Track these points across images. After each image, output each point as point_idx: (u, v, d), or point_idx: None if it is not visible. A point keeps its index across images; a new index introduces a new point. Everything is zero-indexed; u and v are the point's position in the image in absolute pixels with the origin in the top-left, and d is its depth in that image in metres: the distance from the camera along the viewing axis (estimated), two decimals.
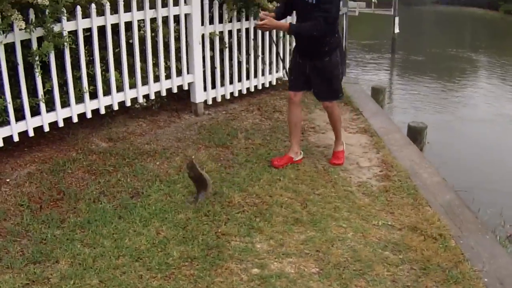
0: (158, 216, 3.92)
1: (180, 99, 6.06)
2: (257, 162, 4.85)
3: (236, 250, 3.57)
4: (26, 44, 4.44)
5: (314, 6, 4.39)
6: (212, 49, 5.91)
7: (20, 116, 4.58)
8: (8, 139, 4.57)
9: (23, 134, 4.67)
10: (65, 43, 4.59)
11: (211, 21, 5.83)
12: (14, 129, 4.53)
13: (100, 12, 4.91)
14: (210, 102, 6.07)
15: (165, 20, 5.44)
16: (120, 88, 5.21)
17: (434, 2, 40.16)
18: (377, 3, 18.81)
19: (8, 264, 3.36)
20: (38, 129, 4.75)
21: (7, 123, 4.49)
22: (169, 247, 3.56)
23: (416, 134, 6.29)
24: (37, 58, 4.37)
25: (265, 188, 4.39)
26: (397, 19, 19.11)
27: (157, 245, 3.58)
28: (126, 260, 3.42)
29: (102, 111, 5.13)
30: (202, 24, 5.73)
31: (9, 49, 4.38)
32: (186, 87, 5.75)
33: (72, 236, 3.67)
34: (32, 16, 4.32)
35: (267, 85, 6.83)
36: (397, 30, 19.06)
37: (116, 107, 5.24)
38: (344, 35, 8.08)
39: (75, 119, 4.94)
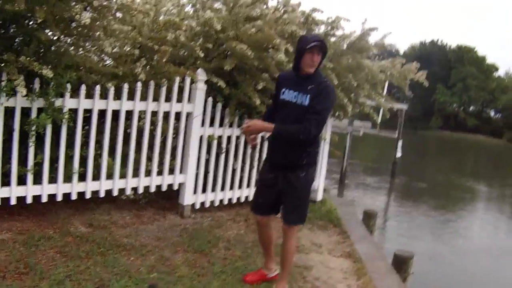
0: None
1: (168, 198, 6.04)
2: (232, 274, 4.70)
3: None
4: (26, 112, 4.52)
5: (306, 109, 4.04)
6: (208, 152, 5.95)
7: (6, 182, 4.57)
8: None
9: (6, 201, 4.63)
10: (64, 119, 4.66)
11: (211, 123, 5.89)
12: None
13: (103, 96, 5.01)
14: (197, 206, 6.03)
15: (166, 115, 5.52)
16: (110, 176, 5.22)
17: (439, 128, 41.23)
18: (382, 124, 19.34)
19: None
20: (22, 199, 4.71)
21: None
22: None
23: (401, 263, 6.14)
24: (33, 128, 4.42)
25: None
26: (400, 143, 19.46)
27: None
28: None
29: (88, 196, 5.11)
30: (202, 125, 5.80)
31: (8, 113, 4.45)
32: (176, 187, 5.74)
33: None
34: (37, 85, 4.42)
35: None
36: (399, 154, 19.35)
37: (102, 194, 5.21)
38: (345, 155, 8.16)
39: (60, 198, 4.91)
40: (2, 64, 4.28)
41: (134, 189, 5.49)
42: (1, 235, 4.49)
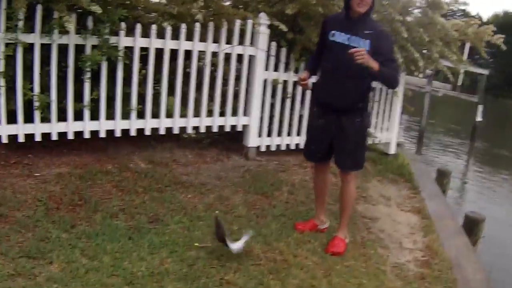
0: (168, 246, 3.67)
1: (232, 140, 5.88)
2: (293, 218, 4.50)
3: None
4: (80, 50, 4.47)
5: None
6: (273, 96, 5.75)
7: (63, 118, 4.56)
8: (48, 137, 4.56)
9: (65, 137, 4.64)
10: (119, 57, 4.58)
11: (276, 68, 5.67)
12: (54, 128, 4.51)
13: (161, 35, 4.89)
14: (263, 149, 5.85)
15: (228, 57, 5.34)
16: (170, 115, 5.12)
17: None
18: (462, 88, 18.60)
19: (3, 251, 3.26)
20: (80, 135, 4.70)
21: (48, 120, 4.46)
22: (166, 281, 3.28)
23: (472, 225, 5.73)
24: (88, 64, 4.34)
25: (291, 247, 4.02)
26: (480, 108, 18.62)
27: (154, 275, 3.32)
28: (117, 281, 3.19)
29: (147, 132, 5.02)
30: (266, 69, 5.59)
31: (62, 51, 4.41)
32: (239, 128, 5.57)
33: (75, 243, 3.50)
34: (90, 23, 4.34)
35: None
36: (479, 119, 18.55)
37: (162, 132, 5.12)
38: (424, 113, 7.70)
39: (118, 133, 4.86)
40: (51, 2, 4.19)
41: (196, 129, 5.36)
42: (59, 168, 4.50)
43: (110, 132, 4.85)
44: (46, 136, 4.56)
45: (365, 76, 3.88)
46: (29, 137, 4.50)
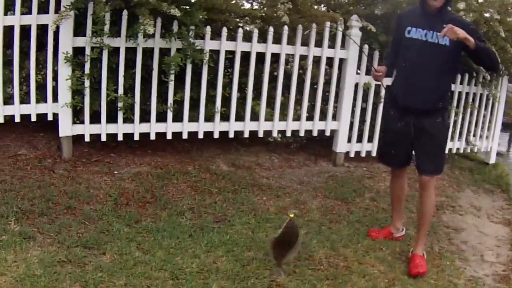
0: (226, 246, 3.65)
1: (323, 145, 5.74)
2: (369, 225, 4.29)
3: None
4: (166, 53, 4.61)
5: (447, 49, 3.53)
6: (364, 100, 5.54)
7: (146, 119, 4.74)
8: (132, 137, 4.77)
9: (148, 138, 4.81)
10: (204, 60, 4.65)
11: (368, 72, 5.45)
12: (136, 128, 4.69)
13: (247, 39, 4.91)
14: (352, 155, 5.64)
15: (317, 60, 5.22)
16: (255, 118, 5.12)
17: None
18: None
19: (61, 240, 3.44)
20: (162, 136, 4.85)
21: (132, 121, 4.65)
22: (213, 278, 3.26)
23: None
24: (172, 66, 4.45)
25: (359, 254, 3.82)
26: None
27: (203, 272, 3.31)
28: (163, 275, 3.22)
29: (231, 135, 5.05)
30: (358, 72, 5.40)
31: (148, 54, 4.60)
32: (328, 133, 5.41)
33: (133, 237, 3.61)
34: (175, 27, 4.46)
35: None
36: None
37: (246, 134, 5.12)
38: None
39: (201, 135, 4.94)
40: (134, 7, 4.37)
41: (282, 133, 5.31)
42: (139, 167, 4.68)
43: (194, 135, 4.95)
44: (130, 136, 4.76)
45: (445, 71, 3.67)
46: (113, 137, 4.73)
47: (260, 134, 5.18)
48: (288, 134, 5.28)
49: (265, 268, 3.44)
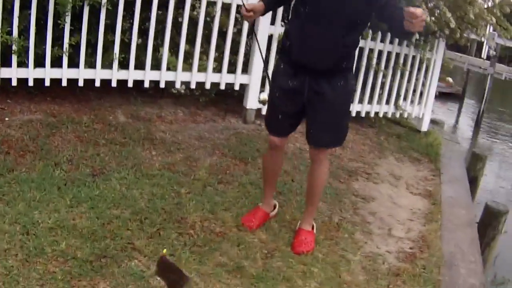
0: (92, 201, 3.49)
1: (235, 101, 5.55)
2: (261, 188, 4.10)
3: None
4: None
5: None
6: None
7: (41, 64, 4.52)
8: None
9: (41, 82, 4.62)
10: (103, 2, 4.41)
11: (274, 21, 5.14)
12: (30, 73, 4.50)
13: None
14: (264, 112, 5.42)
15: (228, 7, 4.94)
16: (156, 67, 4.89)
17: None
18: None
19: None
20: (57, 81, 4.65)
21: (26, 65, 4.46)
22: (64, 235, 3.12)
23: (492, 217, 4.91)
24: (68, 7, 4.23)
25: (240, 219, 3.64)
26: None
27: (57, 229, 3.17)
28: (14, 229, 3.07)
29: (130, 84, 4.85)
30: (273, 23, 5.10)
31: None
32: (237, 87, 5.21)
33: None
34: None
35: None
36: None
37: (146, 84, 4.91)
38: (485, 97, 6.85)
39: (97, 83, 4.75)
40: None
41: (187, 85, 5.11)
42: (32, 115, 4.50)
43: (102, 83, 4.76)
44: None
45: (356, 23, 3.11)
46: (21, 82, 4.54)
47: (162, 84, 4.96)
48: (193, 86, 5.07)
49: (127, 228, 3.30)
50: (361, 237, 3.84)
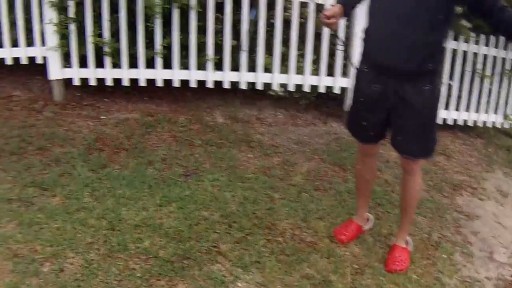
0: (181, 201, 3.44)
1: (338, 104, 5.27)
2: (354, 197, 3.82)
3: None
4: None
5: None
6: None
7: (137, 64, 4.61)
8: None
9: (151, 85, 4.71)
10: (191, 5, 4.43)
11: None
12: (125, 73, 4.60)
13: None
14: None
15: (320, 9, 4.64)
16: (252, 68, 4.79)
17: None
18: None
19: (20, 179, 3.40)
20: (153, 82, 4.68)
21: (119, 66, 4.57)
22: (148, 233, 3.08)
23: None
24: (157, 10, 4.28)
25: (330, 230, 3.40)
26: None
27: (143, 226, 3.14)
28: (100, 224, 3.10)
29: (226, 85, 4.78)
30: None
31: None
32: (337, 90, 4.94)
33: (90, 182, 3.53)
34: None
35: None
36: None
37: (243, 86, 4.80)
38: None
39: (193, 84, 4.74)
40: None
41: (285, 87, 4.93)
42: (129, 114, 4.57)
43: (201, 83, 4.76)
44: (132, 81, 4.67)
45: (439, 21, 2.76)
46: (117, 82, 4.66)
47: (258, 86, 4.83)
48: (290, 88, 4.87)
49: (214, 231, 3.20)
50: (460, 259, 3.46)
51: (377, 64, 2.93)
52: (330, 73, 4.86)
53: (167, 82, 4.69)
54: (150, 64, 4.58)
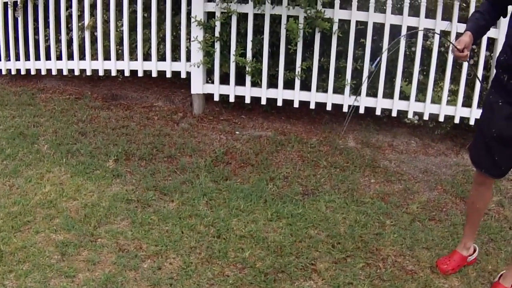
0: (292, 218, 3.64)
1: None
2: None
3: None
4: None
5: None
6: None
7: (275, 84, 4.89)
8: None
9: (274, 102, 4.93)
10: (333, 29, 4.58)
11: None
12: (263, 93, 4.89)
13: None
14: None
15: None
16: (390, 95, 4.82)
17: None
18: None
19: (143, 182, 3.88)
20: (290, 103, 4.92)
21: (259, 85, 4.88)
22: (251, 245, 3.34)
23: None
24: (298, 33, 4.48)
25: (435, 259, 3.36)
26: None
27: (248, 238, 3.40)
28: (208, 231, 3.43)
29: (361, 110, 4.85)
30: None
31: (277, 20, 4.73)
32: (472, 122, 4.72)
33: (209, 192, 3.86)
34: None
35: None
36: None
37: (378, 112, 4.84)
38: None
39: (329, 107, 4.88)
40: None
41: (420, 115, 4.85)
42: (263, 131, 4.86)
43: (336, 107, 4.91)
44: (269, 101, 4.95)
45: None
46: (256, 100, 4.98)
47: (394, 113, 4.83)
48: (426, 117, 4.79)
49: (316, 249, 3.35)
50: None
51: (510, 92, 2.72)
52: (468, 103, 4.71)
53: (304, 103, 4.90)
54: (288, 85, 4.84)
